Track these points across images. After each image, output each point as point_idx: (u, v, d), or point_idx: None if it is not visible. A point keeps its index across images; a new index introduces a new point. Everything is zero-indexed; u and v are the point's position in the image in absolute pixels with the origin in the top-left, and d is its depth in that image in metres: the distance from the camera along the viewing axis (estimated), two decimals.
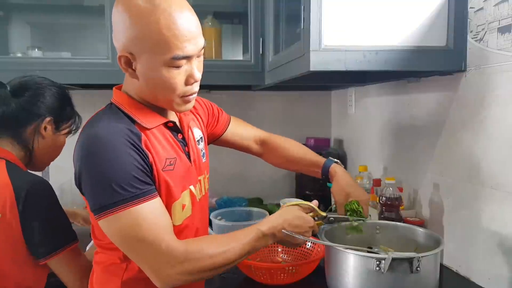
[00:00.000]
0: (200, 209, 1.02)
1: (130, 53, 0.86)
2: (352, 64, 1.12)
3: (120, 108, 0.92)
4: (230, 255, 0.89)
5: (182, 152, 0.97)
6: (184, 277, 0.85)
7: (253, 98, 2.20)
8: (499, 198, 1.08)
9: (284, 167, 1.33)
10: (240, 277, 1.26)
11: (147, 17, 0.82)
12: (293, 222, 0.99)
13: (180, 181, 0.94)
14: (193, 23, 0.87)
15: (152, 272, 0.85)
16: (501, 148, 1.08)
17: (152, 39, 0.83)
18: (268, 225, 0.97)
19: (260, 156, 1.32)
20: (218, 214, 1.62)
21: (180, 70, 0.87)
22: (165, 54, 0.84)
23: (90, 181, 0.84)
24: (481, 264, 1.16)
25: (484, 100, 1.13)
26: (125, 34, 0.85)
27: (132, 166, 0.84)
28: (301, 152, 1.29)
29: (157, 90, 0.90)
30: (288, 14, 1.57)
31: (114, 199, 0.82)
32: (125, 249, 0.87)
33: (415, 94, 1.47)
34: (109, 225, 0.84)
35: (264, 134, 1.31)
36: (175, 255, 0.84)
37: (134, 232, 0.83)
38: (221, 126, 1.23)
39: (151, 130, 0.92)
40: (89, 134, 0.86)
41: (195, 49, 0.88)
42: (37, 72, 1.61)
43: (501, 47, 1.06)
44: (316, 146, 2.08)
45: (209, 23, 1.84)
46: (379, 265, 0.89)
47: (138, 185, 0.84)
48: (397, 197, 1.35)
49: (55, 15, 2.00)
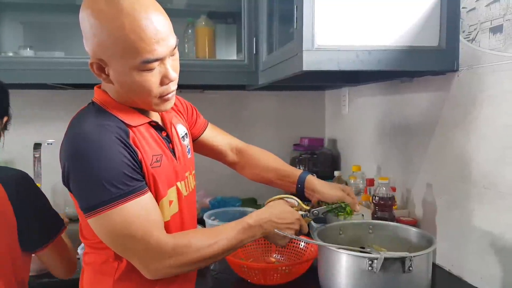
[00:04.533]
0: (187, 205, 1.02)
1: (100, 59, 0.85)
2: (345, 64, 1.12)
3: (102, 107, 0.92)
4: (217, 248, 0.90)
5: (167, 149, 0.97)
6: (172, 270, 0.87)
7: (247, 98, 2.20)
8: (491, 198, 1.09)
9: (258, 178, 1.26)
10: (233, 277, 1.25)
11: (112, 22, 0.80)
12: (280, 215, 1.00)
13: (166, 178, 0.94)
14: (160, 23, 0.83)
15: (141, 265, 0.87)
16: (493, 147, 1.08)
17: (120, 45, 0.81)
18: (255, 218, 0.97)
19: (233, 166, 1.29)
20: (211, 214, 1.61)
21: (153, 72, 0.85)
22: (134, 59, 0.82)
23: (80, 180, 0.84)
24: (473, 264, 1.16)
25: (476, 100, 1.13)
26: (93, 40, 0.84)
27: (122, 164, 0.83)
28: (278, 162, 1.26)
29: (133, 94, 0.89)
30: (282, 14, 1.57)
31: (105, 197, 0.82)
32: (114, 246, 0.87)
33: (408, 94, 1.48)
34: (100, 223, 0.84)
35: (242, 144, 1.29)
36: (164, 250, 0.85)
37: (125, 229, 0.83)
38: (198, 129, 1.21)
39: (136, 127, 0.91)
40: (76, 133, 0.85)
41: (166, 50, 0.85)
42: (29, 72, 1.62)
43: (493, 47, 1.07)
44: (310, 146, 2.08)
45: (202, 23, 1.84)
46: (372, 265, 0.89)
47: (128, 182, 0.83)
48: (390, 197, 1.35)
49: (47, 14, 1.99)
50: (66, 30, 1.98)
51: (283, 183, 1.22)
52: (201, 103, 1.41)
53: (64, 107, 2.01)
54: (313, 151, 2.05)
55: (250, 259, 1.32)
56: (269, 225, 0.98)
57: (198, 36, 1.84)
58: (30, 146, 1.76)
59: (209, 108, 2.04)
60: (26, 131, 1.90)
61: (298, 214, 1.05)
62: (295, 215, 1.03)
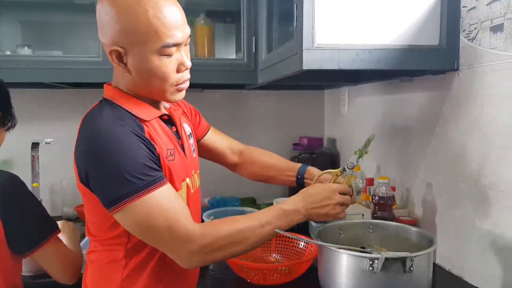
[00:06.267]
0: (193, 203, 1.02)
1: (120, 47, 0.87)
2: (345, 63, 1.12)
3: (114, 102, 0.92)
4: (248, 234, 0.90)
5: (178, 145, 0.98)
6: (205, 257, 0.87)
7: (246, 97, 2.20)
8: (492, 197, 1.08)
9: (258, 176, 1.28)
10: (232, 277, 1.25)
11: (135, 8, 0.84)
12: (314, 192, 1.00)
13: (180, 172, 0.95)
14: (178, 11, 0.89)
15: (173, 255, 0.87)
16: (493, 147, 1.08)
17: (142, 30, 0.85)
18: (289, 202, 0.97)
19: (234, 167, 1.30)
20: (210, 214, 1.61)
21: (171, 59, 0.89)
22: (155, 43, 0.86)
23: (102, 176, 0.84)
24: (474, 263, 1.16)
25: (476, 99, 1.13)
26: (114, 28, 0.86)
27: (141, 155, 0.84)
28: (278, 159, 1.27)
29: (151, 81, 0.90)
30: (281, 13, 1.56)
31: (128, 189, 0.82)
32: (143, 237, 0.87)
33: (408, 93, 1.47)
34: (126, 216, 0.84)
35: (242, 145, 1.30)
36: (192, 236, 0.85)
37: (151, 219, 0.83)
38: (201, 131, 1.22)
39: (149, 121, 0.92)
40: (92, 130, 0.86)
41: (183, 37, 0.90)
42: (27, 71, 1.61)
43: (493, 46, 1.06)
44: (309, 145, 2.08)
45: (201, 22, 1.83)
46: (372, 265, 0.88)
47: (150, 173, 0.84)
48: (390, 196, 1.35)
49: (46, 13, 1.98)
50: (64, 29, 1.97)
51: (284, 178, 1.24)
52: (200, 102, 1.40)
53: (62, 106, 2.01)
54: (313, 151, 2.05)
55: (250, 259, 1.32)
56: (307, 206, 0.98)
57: (197, 35, 1.84)
58: (28, 145, 1.76)
59: (208, 107, 2.05)
60: (24, 131, 1.88)
61: (333, 186, 1.02)
62: (329, 188, 1.02)
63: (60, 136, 1.79)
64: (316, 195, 1.00)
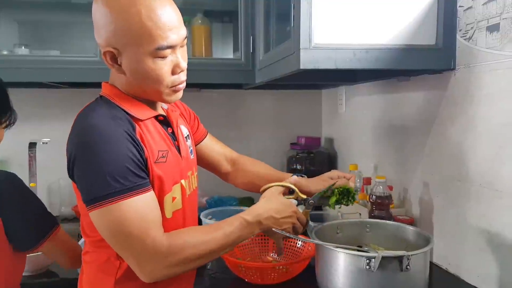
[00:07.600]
0: (189, 204, 1.02)
1: (114, 48, 0.86)
2: (342, 63, 1.12)
3: (110, 100, 0.92)
4: (213, 245, 0.89)
5: (172, 146, 0.98)
6: (168, 270, 0.86)
7: (244, 96, 2.20)
8: (488, 196, 1.09)
9: (249, 186, 1.26)
10: (230, 277, 1.25)
11: (128, 9, 0.83)
12: (278, 208, 0.99)
13: (171, 174, 0.94)
14: (173, 13, 0.88)
15: (137, 267, 0.85)
16: (489, 146, 1.08)
17: (135, 31, 0.84)
18: (253, 214, 0.96)
19: (226, 176, 1.29)
20: (208, 214, 1.61)
21: (165, 61, 0.88)
22: (149, 45, 0.85)
23: (84, 171, 0.84)
24: (470, 262, 1.17)
25: (473, 99, 1.13)
26: (108, 29, 0.85)
27: (127, 158, 0.83)
28: (269, 169, 1.27)
29: (145, 83, 0.90)
30: (278, 12, 1.57)
31: (107, 191, 0.81)
32: (111, 242, 0.86)
33: (405, 92, 1.48)
34: (100, 217, 0.84)
35: (236, 154, 1.30)
36: (159, 250, 0.84)
37: (122, 226, 0.82)
38: (198, 136, 1.21)
39: (143, 121, 0.92)
40: (84, 124, 0.85)
41: (178, 39, 0.88)
42: (24, 70, 1.60)
43: (489, 46, 1.07)
44: (307, 145, 2.08)
45: (199, 22, 1.83)
46: (369, 264, 0.89)
47: (131, 178, 0.83)
48: (387, 196, 1.35)
49: (43, 13, 1.97)
50: (61, 29, 1.97)
51: None
52: (198, 102, 1.40)
53: (59, 106, 2.00)
54: (310, 150, 2.05)
55: (247, 258, 1.32)
56: (268, 221, 0.97)
57: (195, 34, 1.84)
58: (25, 145, 1.75)
59: (206, 107, 2.05)
60: (21, 130, 1.88)
61: (295, 207, 1.03)
62: (292, 207, 1.02)
63: (57, 136, 1.77)
64: (279, 212, 0.99)
